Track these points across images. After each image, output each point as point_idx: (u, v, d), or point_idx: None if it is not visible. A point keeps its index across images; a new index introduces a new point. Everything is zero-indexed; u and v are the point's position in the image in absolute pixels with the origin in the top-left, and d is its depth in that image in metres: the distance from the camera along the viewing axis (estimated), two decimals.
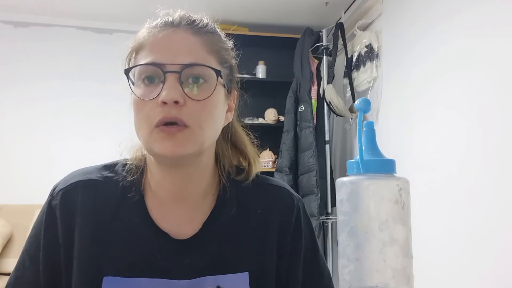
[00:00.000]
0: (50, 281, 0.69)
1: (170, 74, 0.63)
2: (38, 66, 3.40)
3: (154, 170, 0.72)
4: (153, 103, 0.63)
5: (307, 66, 3.03)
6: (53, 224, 0.70)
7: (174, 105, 0.62)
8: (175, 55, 0.64)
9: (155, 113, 0.63)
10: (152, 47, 0.66)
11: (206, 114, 0.65)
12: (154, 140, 0.64)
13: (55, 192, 0.72)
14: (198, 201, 0.73)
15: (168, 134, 0.63)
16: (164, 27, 0.67)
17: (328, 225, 2.88)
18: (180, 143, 0.63)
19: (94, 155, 2.11)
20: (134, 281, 0.67)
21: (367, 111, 0.53)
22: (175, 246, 0.70)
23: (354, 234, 0.50)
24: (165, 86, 0.62)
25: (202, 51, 0.66)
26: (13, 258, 2.86)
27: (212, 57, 0.67)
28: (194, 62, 0.64)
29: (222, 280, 0.69)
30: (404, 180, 0.51)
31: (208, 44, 0.67)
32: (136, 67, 0.66)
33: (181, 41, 0.66)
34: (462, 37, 1.85)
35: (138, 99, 0.65)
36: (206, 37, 0.68)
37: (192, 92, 0.64)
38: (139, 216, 0.70)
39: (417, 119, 2.17)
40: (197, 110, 0.64)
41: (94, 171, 0.74)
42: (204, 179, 0.73)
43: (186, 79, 0.64)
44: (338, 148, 3.27)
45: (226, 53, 0.71)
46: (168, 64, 0.63)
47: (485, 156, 1.67)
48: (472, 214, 1.73)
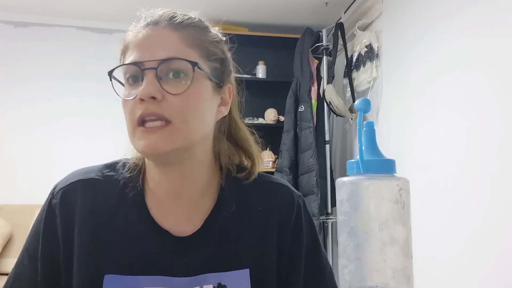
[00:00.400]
0: (48, 280, 0.69)
1: (148, 71, 0.63)
2: (38, 66, 3.40)
3: (151, 169, 0.72)
4: (134, 102, 0.64)
5: (307, 66, 3.03)
6: (53, 223, 0.70)
7: (152, 100, 0.62)
8: (153, 52, 0.64)
9: (136, 111, 0.63)
10: (133, 47, 0.66)
11: (189, 107, 0.64)
12: (137, 139, 0.64)
13: (55, 191, 0.72)
14: (197, 199, 0.73)
15: (149, 132, 0.63)
16: (145, 26, 0.67)
17: (328, 225, 2.88)
18: (162, 139, 0.63)
19: (94, 155, 2.11)
20: (135, 278, 0.67)
21: (367, 111, 0.53)
22: (175, 244, 0.70)
23: (354, 234, 0.50)
24: (143, 83, 0.63)
25: (181, 45, 0.66)
26: (13, 258, 2.85)
27: (193, 50, 0.66)
28: (171, 57, 0.64)
29: (224, 277, 0.70)
30: (404, 180, 0.51)
31: (188, 38, 0.67)
32: (118, 67, 0.67)
33: (158, 38, 0.66)
34: (462, 37, 1.85)
35: (123, 100, 0.66)
36: (186, 31, 0.67)
37: (171, 87, 0.63)
38: (139, 215, 0.71)
39: (417, 119, 2.16)
40: (178, 104, 0.63)
41: (95, 170, 0.74)
42: (201, 177, 0.73)
43: (166, 75, 0.64)
44: (338, 148, 3.27)
45: (212, 46, 0.70)
46: (146, 62, 0.63)
47: (485, 156, 1.67)
48: (472, 214, 1.72)
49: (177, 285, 0.68)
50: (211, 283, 0.69)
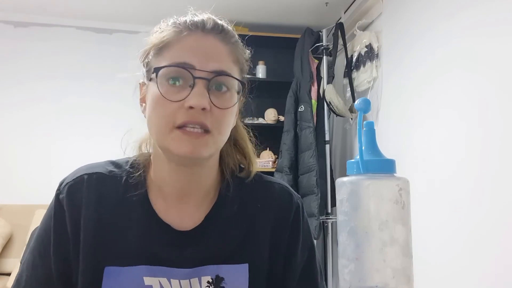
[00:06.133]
0: (63, 276, 0.70)
1: (200, 80, 0.64)
2: (38, 66, 3.40)
3: (161, 166, 0.73)
4: (178, 105, 0.64)
5: (307, 66, 3.03)
6: (62, 218, 0.70)
7: (200, 111, 0.64)
8: (206, 60, 0.65)
9: (180, 115, 0.64)
10: (181, 47, 0.66)
11: (226, 121, 0.68)
12: (173, 140, 0.65)
13: (61, 186, 0.73)
14: (202, 197, 0.75)
15: (189, 136, 0.64)
16: (195, 28, 0.67)
17: (328, 225, 2.88)
18: (200, 146, 0.65)
19: (94, 155, 2.10)
20: (135, 269, 0.68)
21: (367, 111, 0.53)
22: (177, 238, 0.71)
23: (354, 234, 0.50)
24: (194, 92, 0.64)
25: (229, 60, 0.68)
26: (13, 258, 2.86)
27: (236, 66, 0.70)
28: (224, 71, 0.66)
29: (222, 270, 0.71)
30: (404, 180, 0.51)
31: (234, 54, 0.70)
32: (169, 67, 0.65)
33: (211, 47, 0.67)
34: (462, 37, 1.85)
35: (161, 97, 0.65)
36: (233, 47, 0.70)
37: (217, 100, 0.66)
38: (142, 209, 0.72)
39: (417, 119, 2.17)
40: (220, 117, 0.66)
41: (100, 165, 0.75)
42: (210, 177, 0.75)
43: (212, 85, 0.66)
44: (338, 148, 3.27)
45: (245, 64, 0.74)
46: (198, 70, 0.64)
47: (485, 156, 1.67)
48: (472, 214, 1.73)
49: (177, 275, 0.69)
50: (210, 275, 0.71)
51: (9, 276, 2.77)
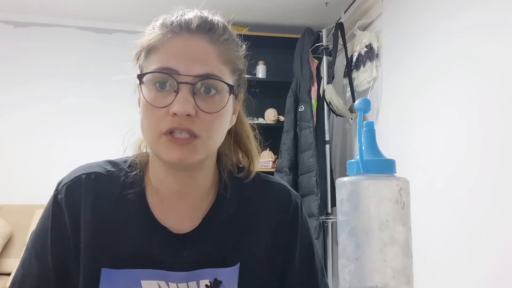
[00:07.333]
0: (60, 276, 0.69)
1: (184, 85, 0.62)
2: (38, 66, 3.40)
3: (157, 168, 0.72)
4: (163, 111, 0.63)
5: (307, 66, 3.02)
6: (61, 218, 0.70)
7: (185, 117, 0.62)
8: (190, 64, 0.63)
9: (165, 122, 0.63)
10: (166, 51, 0.64)
11: (216, 125, 0.66)
12: (162, 147, 0.64)
13: (59, 187, 0.72)
14: (199, 199, 0.74)
15: (177, 143, 0.63)
16: (179, 30, 0.65)
17: (328, 225, 2.88)
18: (189, 152, 0.64)
19: (93, 155, 2.10)
20: (132, 272, 0.68)
21: (367, 111, 0.53)
22: (174, 240, 0.71)
23: (354, 234, 0.50)
24: (178, 98, 0.62)
25: (217, 61, 0.65)
26: (13, 258, 2.86)
27: (226, 67, 0.67)
28: (209, 74, 0.64)
29: (220, 273, 0.71)
30: (404, 180, 0.51)
31: (223, 54, 0.66)
32: (150, 73, 0.64)
33: (197, 49, 0.64)
34: (462, 37, 1.85)
35: (148, 104, 0.64)
36: (222, 47, 0.67)
37: (205, 104, 0.64)
38: (139, 211, 0.71)
39: (417, 119, 2.16)
40: (209, 122, 0.64)
41: (97, 165, 0.75)
42: (207, 179, 0.74)
43: (198, 89, 0.64)
44: (338, 148, 3.27)
45: (239, 61, 0.71)
46: (182, 75, 0.62)
47: (485, 156, 1.67)
48: (472, 214, 1.72)
49: (174, 278, 0.69)
50: (208, 278, 0.70)
51: (9, 276, 2.77)
